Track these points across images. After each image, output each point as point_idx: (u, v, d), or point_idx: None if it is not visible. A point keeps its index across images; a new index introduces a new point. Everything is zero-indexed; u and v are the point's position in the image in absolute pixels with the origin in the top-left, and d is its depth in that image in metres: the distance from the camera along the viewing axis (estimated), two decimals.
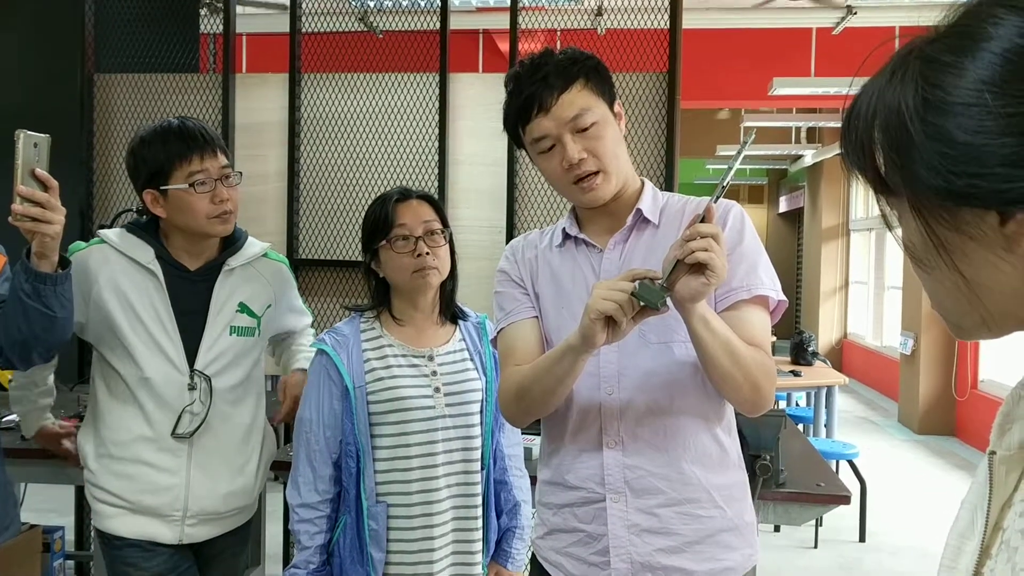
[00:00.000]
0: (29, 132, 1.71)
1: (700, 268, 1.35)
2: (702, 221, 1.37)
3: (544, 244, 1.70)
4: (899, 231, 0.68)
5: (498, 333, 1.70)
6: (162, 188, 1.97)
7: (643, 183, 1.65)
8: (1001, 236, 0.60)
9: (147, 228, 2.08)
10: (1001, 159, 0.57)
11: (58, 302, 1.80)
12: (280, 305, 2.22)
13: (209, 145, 1.97)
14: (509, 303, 1.68)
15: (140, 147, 2.00)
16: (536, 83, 1.53)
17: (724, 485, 1.59)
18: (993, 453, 0.72)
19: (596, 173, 1.54)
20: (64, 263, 1.83)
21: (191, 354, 2.03)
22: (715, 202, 1.41)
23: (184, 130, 1.97)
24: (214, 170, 1.97)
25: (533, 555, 1.72)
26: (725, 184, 1.39)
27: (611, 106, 1.58)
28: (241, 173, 2.08)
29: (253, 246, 2.16)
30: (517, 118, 1.58)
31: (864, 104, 0.65)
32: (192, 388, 2.01)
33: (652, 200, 1.63)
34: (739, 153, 1.39)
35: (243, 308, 2.09)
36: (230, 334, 2.07)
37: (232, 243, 2.12)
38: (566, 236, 1.66)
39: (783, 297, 1.57)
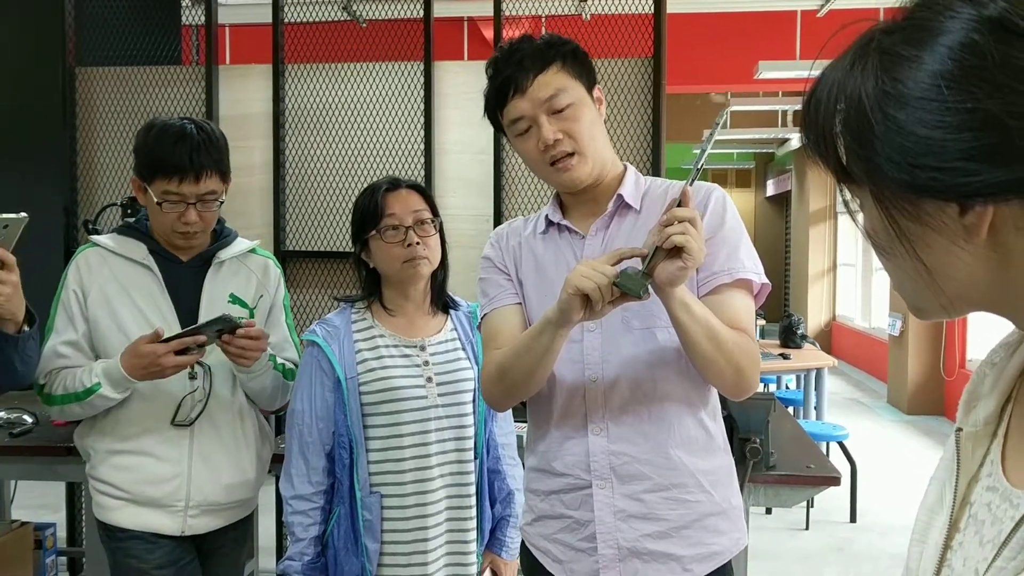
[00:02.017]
0: (3, 215, 1.67)
1: (677, 252, 1.36)
2: (679, 205, 1.38)
3: (528, 231, 1.70)
4: (861, 218, 0.69)
5: (482, 319, 1.70)
6: (144, 186, 1.99)
7: (625, 168, 1.66)
8: (961, 226, 0.61)
9: (136, 227, 2.11)
10: (960, 153, 0.57)
11: (20, 359, 1.82)
12: (275, 306, 2.21)
13: (194, 170, 1.94)
14: (493, 289, 1.69)
15: (147, 134, 2.00)
16: (512, 66, 1.54)
17: (710, 470, 1.59)
18: (960, 430, 0.74)
19: (572, 155, 1.54)
20: (31, 319, 1.83)
21: None
22: (691, 185, 1.42)
23: (183, 148, 1.93)
24: (190, 195, 1.96)
25: (522, 541, 1.73)
26: (699, 166, 1.41)
27: (590, 90, 1.58)
28: (222, 202, 2.04)
29: (241, 243, 2.18)
30: (495, 101, 1.59)
31: (824, 93, 0.65)
32: (193, 377, 2.04)
33: (634, 185, 1.63)
34: (711, 135, 1.41)
35: (234, 299, 2.10)
36: None
37: (223, 236, 2.15)
38: (549, 223, 1.66)
39: (766, 280, 1.57)
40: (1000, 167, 0.56)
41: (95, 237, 2.11)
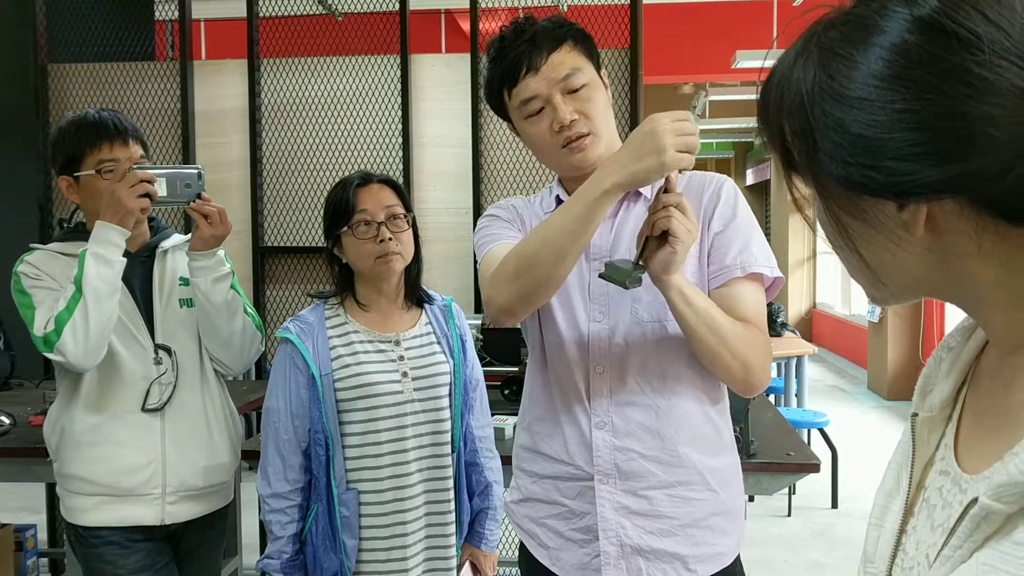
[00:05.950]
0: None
1: (666, 237, 1.33)
2: (665, 191, 1.35)
3: (532, 210, 1.66)
4: (811, 211, 0.70)
5: (483, 255, 1.59)
6: (75, 175, 2.04)
7: None
8: (899, 222, 0.61)
9: (77, 231, 2.12)
10: (892, 153, 0.58)
11: None
12: None
13: (120, 135, 2.04)
14: (499, 230, 1.60)
15: (57, 136, 2.09)
16: (523, 45, 1.48)
17: (718, 467, 1.55)
18: (915, 415, 0.74)
19: (587, 135, 1.49)
20: None
21: (150, 330, 2.08)
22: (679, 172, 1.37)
23: (97, 120, 2.05)
24: (124, 158, 2.03)
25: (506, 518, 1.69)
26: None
27: (598, 72, 1.54)
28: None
29: (178, 236, 2.23)
30: (503, 82, 1.52)
31: (774, 85, 0.66)
32: (158, 362, 2.05)
33: None
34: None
35: (185, 281, 2.12)
36: (180, 307, 2.12)
37: (161, 230, 2.20)
38: (559, 202, 1.59)
39: (779, 273, 1.54)
40: (931, 167, 0.57)
41: (36, 246, 2.11)
